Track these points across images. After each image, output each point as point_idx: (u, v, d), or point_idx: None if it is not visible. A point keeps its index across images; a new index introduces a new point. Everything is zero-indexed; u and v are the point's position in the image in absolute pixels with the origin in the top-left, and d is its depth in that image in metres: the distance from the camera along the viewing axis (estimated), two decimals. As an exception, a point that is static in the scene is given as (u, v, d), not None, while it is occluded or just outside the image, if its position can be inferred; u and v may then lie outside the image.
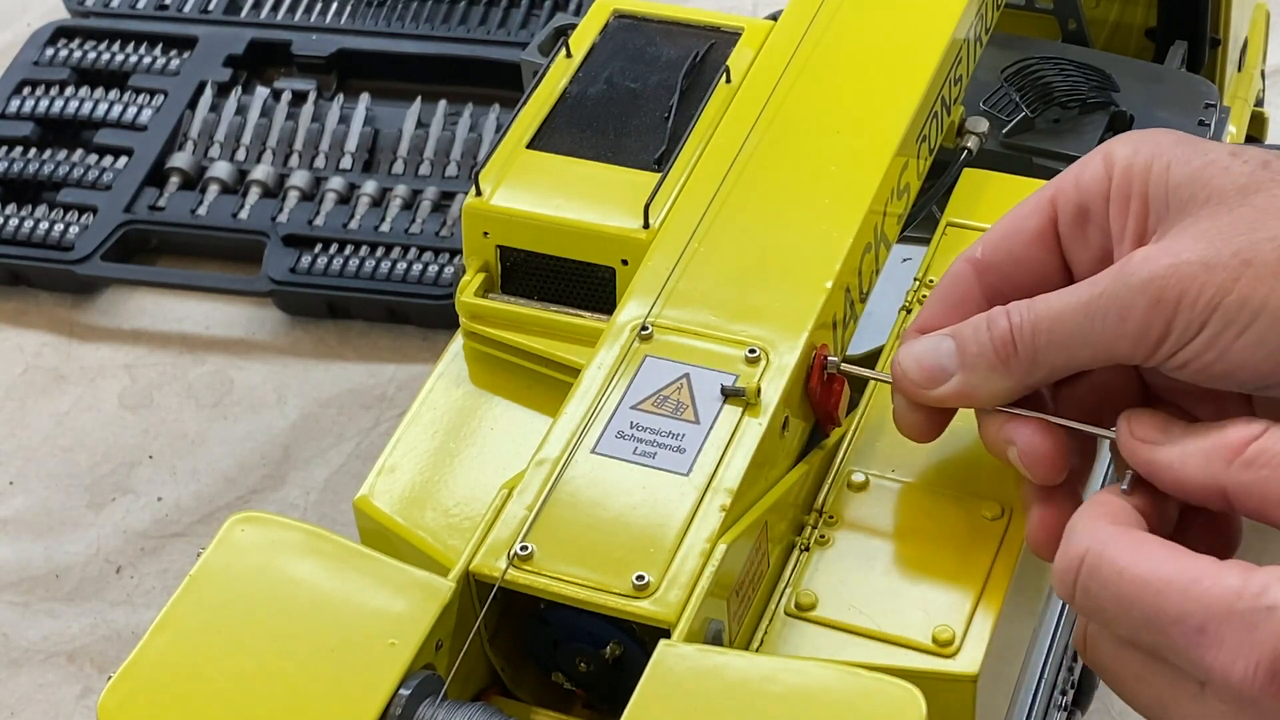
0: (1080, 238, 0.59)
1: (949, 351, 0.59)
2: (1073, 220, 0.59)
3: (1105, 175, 0.58)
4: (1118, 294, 0.54)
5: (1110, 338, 0.55)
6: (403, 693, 0.54)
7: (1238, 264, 0.53)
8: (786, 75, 0.74)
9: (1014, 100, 0.88)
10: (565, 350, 0.69)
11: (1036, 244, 0.60)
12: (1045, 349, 0.56)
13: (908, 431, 0.62)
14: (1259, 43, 1.11)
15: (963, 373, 0.58)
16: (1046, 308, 0.57)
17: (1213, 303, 0.53)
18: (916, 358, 0.60)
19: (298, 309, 1.20)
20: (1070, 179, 0.59)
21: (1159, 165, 0.57)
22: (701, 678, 0.53)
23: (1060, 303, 0.56)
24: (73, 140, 1.33)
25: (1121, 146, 0.58)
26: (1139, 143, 0.58)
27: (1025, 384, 0.58)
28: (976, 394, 0.58)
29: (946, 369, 0.59)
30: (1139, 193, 0.57)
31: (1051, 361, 0.57)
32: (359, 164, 1.29)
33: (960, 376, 0.59)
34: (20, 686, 0.99)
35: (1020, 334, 0.57)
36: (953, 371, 0.59)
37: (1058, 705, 0.74)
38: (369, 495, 0.67)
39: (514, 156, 0.73)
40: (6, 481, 1.10)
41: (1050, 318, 0.56)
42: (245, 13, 1.41)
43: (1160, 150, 0.57)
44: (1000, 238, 0.61)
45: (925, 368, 0.59)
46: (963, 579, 0.61)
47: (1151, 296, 0.53)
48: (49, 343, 1.20)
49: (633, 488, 0.59)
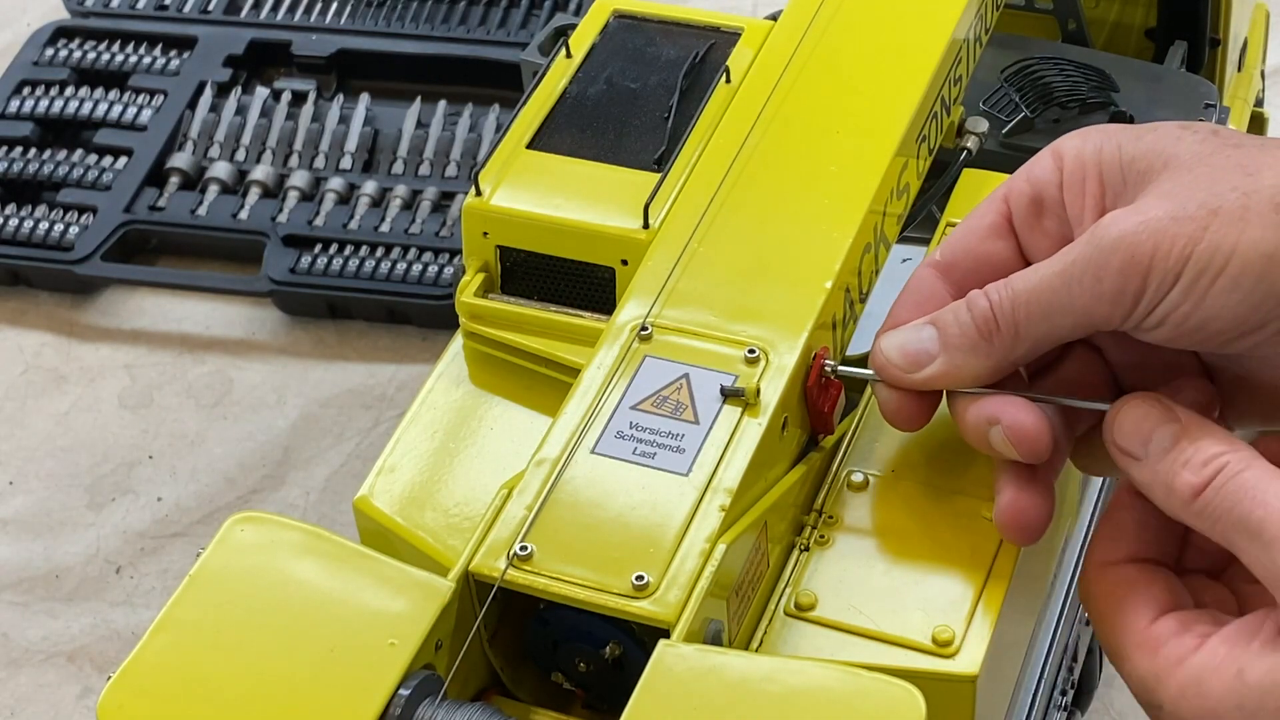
0: (1036, 228, 0.61)
1: (930, 336, 0.60)
2: (1027, 212, 0.61)
3: (1056, 167, 0.60)
4: (1091, 257, 0.56)
5: (1088, 301, 0.56)
6: (402, 693, 0.54)
7: (1205, 214, 0.54)
8: (786, 75, 0.74)
9: (1014, 100, 0.88)
10: (565, 350, 0.69)
11: (992, 238, 0.62)
12: (1026, 322, 0.58)
13: (894, 420, 0.62)
14: (1259, 43, 1.11)
15: (945, 354, 0.60)
16: (1024, 282, 0.58)
17: (1185, 253, 0.54)
18: (899, 345, 0.61)
19: (298, 309, 1.20)
20: (1020, 176, 0.62)
21: (1109, 147, 0.59)
22: (701, 678, 0.53)
23: (1036, 276, 0.58)
24: (73, 140, 1.33)
25: (1069, 140, 0.61)
26: (1085, 134, 0.60)
27: (1008, 360, 0.59)
28: (959, 374, 0.60)
29: (929, 352, 0.60)
30: (1093, 174, 0.59)
31: (1033, 334, 0.58)
32: (359, 164, 1.29)
33: (943, 358, 0.60)
34: (20, 686, 0.99)
35: (1001, 310, 0.58)
36: (935, 354, 0.60)
37: (1058, 705, 0.74)
38: (369, 495, 0.67)
39: (514, 156, 0.73)
40: (6, 481, 1.10)
41: (1028, 290, 0.58)
42: (245, 13, 1.42)
43: (1108, 135, 0.59)
44: (958, 239, 0.63)
45: (908, 353, 0.61)
46: (963, 579, 0.61)
47: (1124, 255, 0.55)
48: (49, 343, 1.20)
49: (632, 488, 0.59)
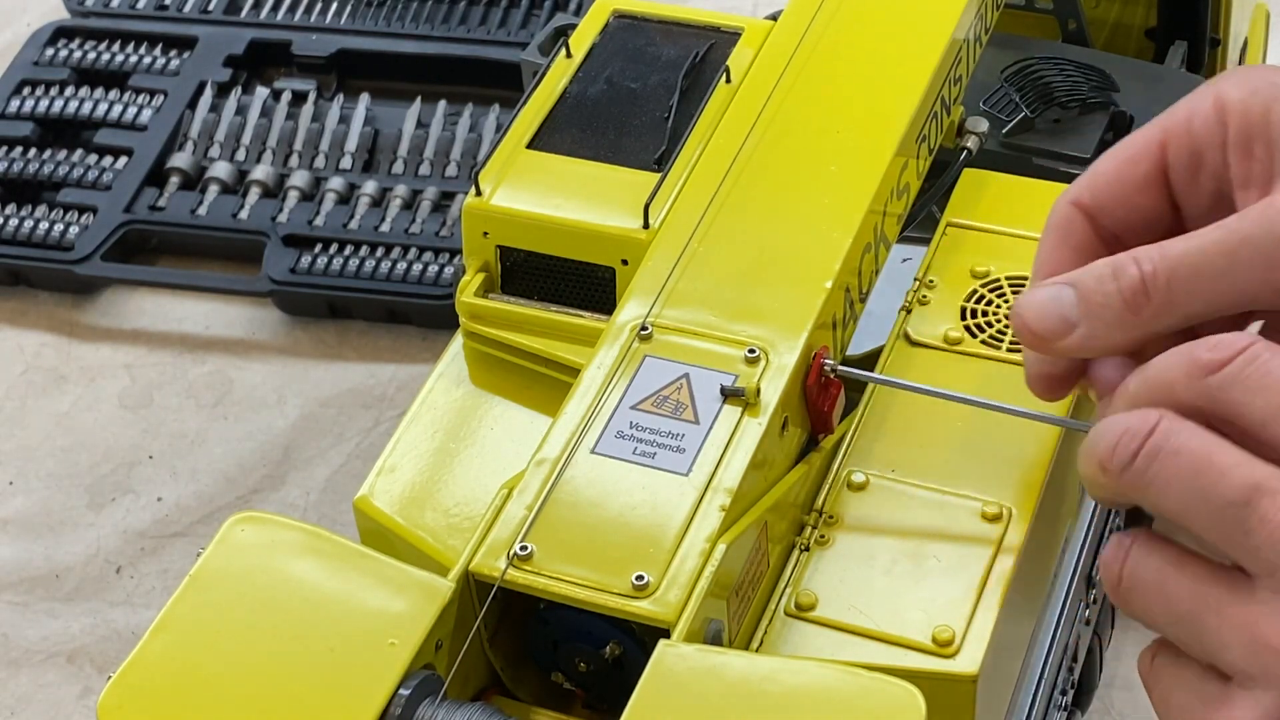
0: (1193, 185, 0.58)
1: (1070, 301, 0.56)
2: (1185, 166, 0.57)
3: (1219, 121, 0.57)
4: (1262, 242, 0.53)
5: (1254, 286, 0.53)
6: (402, 693, 0.54)
7: None
8: (786, 75, 0.74)
9: (1014, 100, 0.88)
10: (565, 350, 0.69)
11: (1146, 189, 0.58)
12: (1183, 297, 0.54)
13: (1035, 387, 0.59)
14: (1259, 43, 1.11)
15: (1087, 324, 0.56)
16: (1180, 253, 0.54)
17: None
18: (1038, 308, 0.57)
19: (298, 309, 1.20)
20: (1180, 122, 0.58)
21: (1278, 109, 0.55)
22: (701, 678, 0.53)
23: (1196, 248, 0.54)
24: (73, 140, 1.33)
25: (1234, 89, 0.56)
26: (1253, 83, 0.56)
27: (1151, 333, 0.56)
28: (1100, 345, 0.56)
29: (1069, 319, 0.56)
30: (1261, 137, 0.55)
31: (1185, 311, 0.55)
32: (359, 164, 1.29)
33: (1084, 329, 0.56)
34: (20, 686, 0.99)
35: (1154, 282, 0.55)
36: (1075, 322, 0.56)
37: (1058, 705, 0.74)
38: (369, 495, 0.67)
39: (514, 156, 0.73)
40: (6, 481, 1.10)
41: (1186, 265, 0.54)
42: (245, 13, 1.41)
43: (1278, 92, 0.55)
44: (1107, 182, 0.59)
45: (1047, 318, 0.56)
46: (963, 579, 0.61)
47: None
48: (49, 343, 1.20)
49: (632, 488, 0.59)
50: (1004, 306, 0.71)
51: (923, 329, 0.71)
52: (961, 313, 0.71)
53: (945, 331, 0.70)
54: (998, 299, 0.72)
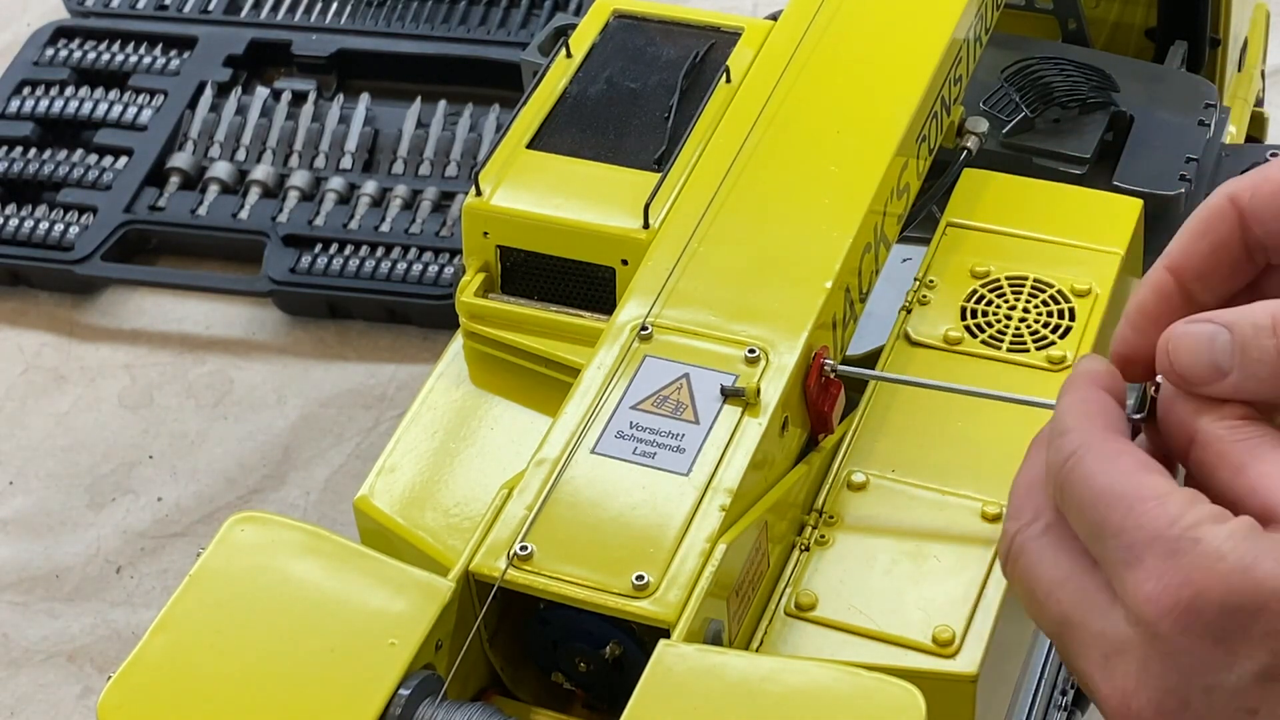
0: None
1: (1224, 348, 0.53)
2: None
3: None
4: None
5: None
6: (403, 692, 0.54)
7: None
8: (786, 75, 0.74)
9: (1014, 100, 0.87)
10: (565, 350, 0.69)
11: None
12: None
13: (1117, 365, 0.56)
14: (1259, 43, 1.11)
15: (1240, 373, 0.52)
16: None
17: None
18: (1190, 351, 0.53)
19: (298, 309, 1.20)
20: None
21: None
22: (701, 678, 0.53)
23: None
24: (73, 140, 1.33)
25: None
26: None
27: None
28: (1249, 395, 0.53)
29: (1221, 367, 0.53)
30: None
31: None
32: (359, 164, 1.29)
33: (1238, 377, 0.52)
34: (20, 686, 0.99)
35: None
36: (1227, 370, 0.52)
37: (1058, 705, 0.74)
38: (369, 495, 0.67)
39: (514, 156, 0.73)
40: (6, 481, 1.10)
41: None
42: (245, 13, 1.42)
43: None
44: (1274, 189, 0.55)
45: (1199, 364, 0.53)
46: (963, 579, 0.61)
47: None
48: (49, 343, 1.20)
49: (632, 488, 0.59)
50: (1004, 306, 0.71)
51: (923, 329, 0.71)
52: (961, 313, 0.71)
53: (945, 331, 0.70)
54: (998, 299, 0.71)
